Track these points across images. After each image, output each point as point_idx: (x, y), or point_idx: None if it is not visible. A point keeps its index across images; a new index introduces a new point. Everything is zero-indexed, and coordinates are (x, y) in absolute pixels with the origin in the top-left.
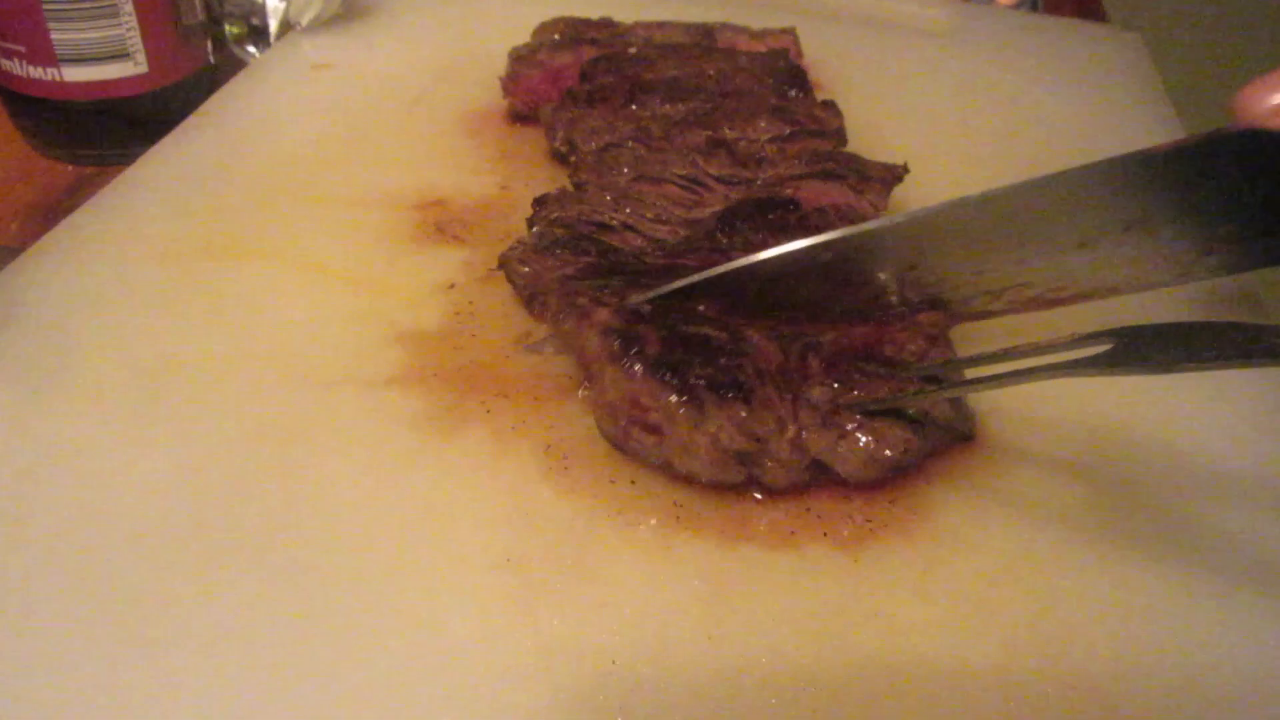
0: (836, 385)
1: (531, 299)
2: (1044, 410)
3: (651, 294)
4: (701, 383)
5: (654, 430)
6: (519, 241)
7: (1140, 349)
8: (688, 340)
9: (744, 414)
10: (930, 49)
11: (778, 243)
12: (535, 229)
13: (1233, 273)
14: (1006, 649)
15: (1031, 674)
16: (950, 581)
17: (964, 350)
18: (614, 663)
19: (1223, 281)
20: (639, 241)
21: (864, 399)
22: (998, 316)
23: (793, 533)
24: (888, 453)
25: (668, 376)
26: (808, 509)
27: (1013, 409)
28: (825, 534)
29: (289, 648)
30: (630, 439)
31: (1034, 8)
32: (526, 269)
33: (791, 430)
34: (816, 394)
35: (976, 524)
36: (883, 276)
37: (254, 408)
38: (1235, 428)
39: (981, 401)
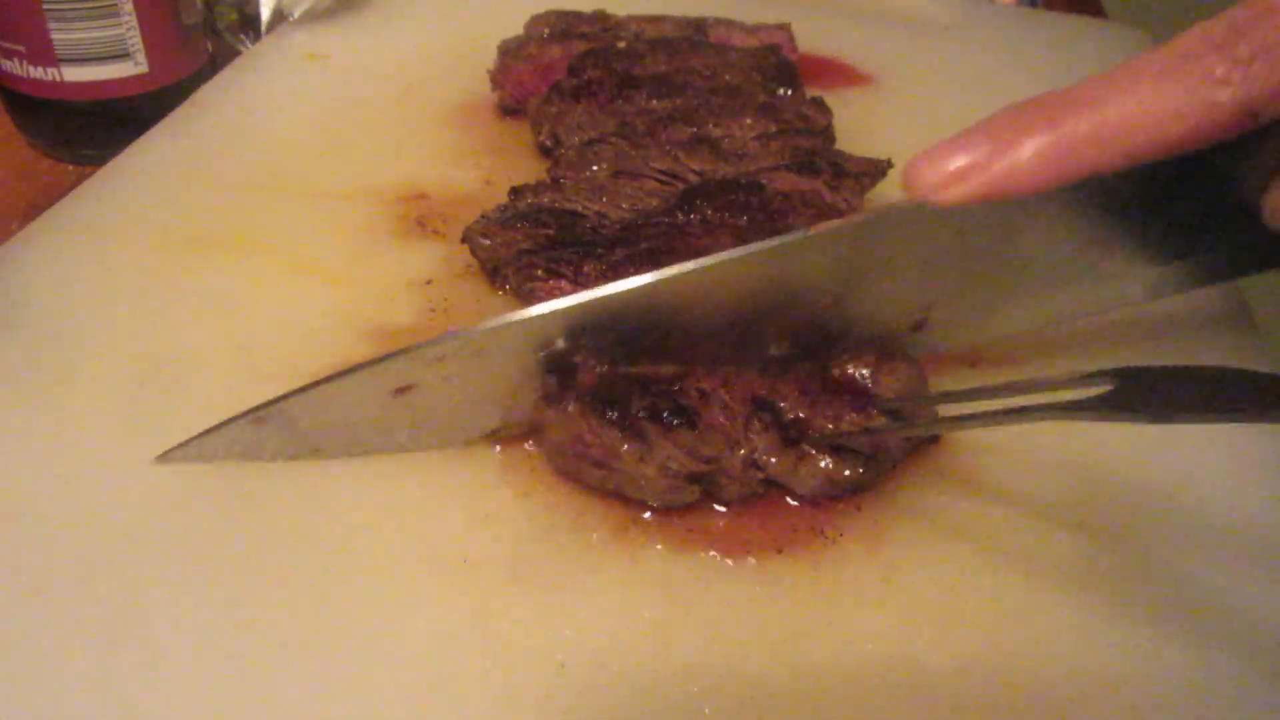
0: (802, 412)
1: (495, 272)
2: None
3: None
4: (642, 415)
5: (601, 464)
6: (483, 215)
7: (1138, 394)
8: (626, 374)
9: (691, 439)
10: (930, 45)
11: (736, 223)
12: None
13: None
14: (962, 661)
15: (986, 687)
16: (909, 591)
17: (956, 384)
18: (563, 666)
19: (1213, 298)
20: (599, 220)
21: (828, 432)
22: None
23: (751, 540)
24: (846, 473)
25: (608, 413)
26: (768, 517)
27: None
28: (785, 542)
29: (247, 644)
30: (581, 473)
31: (1033, 3)
32: (488, 242)
33: (745, 448)
34: (780, 410)
35: (941, 534)
36: (823, 297)
37: (223, 403)
38: (1216, 461)
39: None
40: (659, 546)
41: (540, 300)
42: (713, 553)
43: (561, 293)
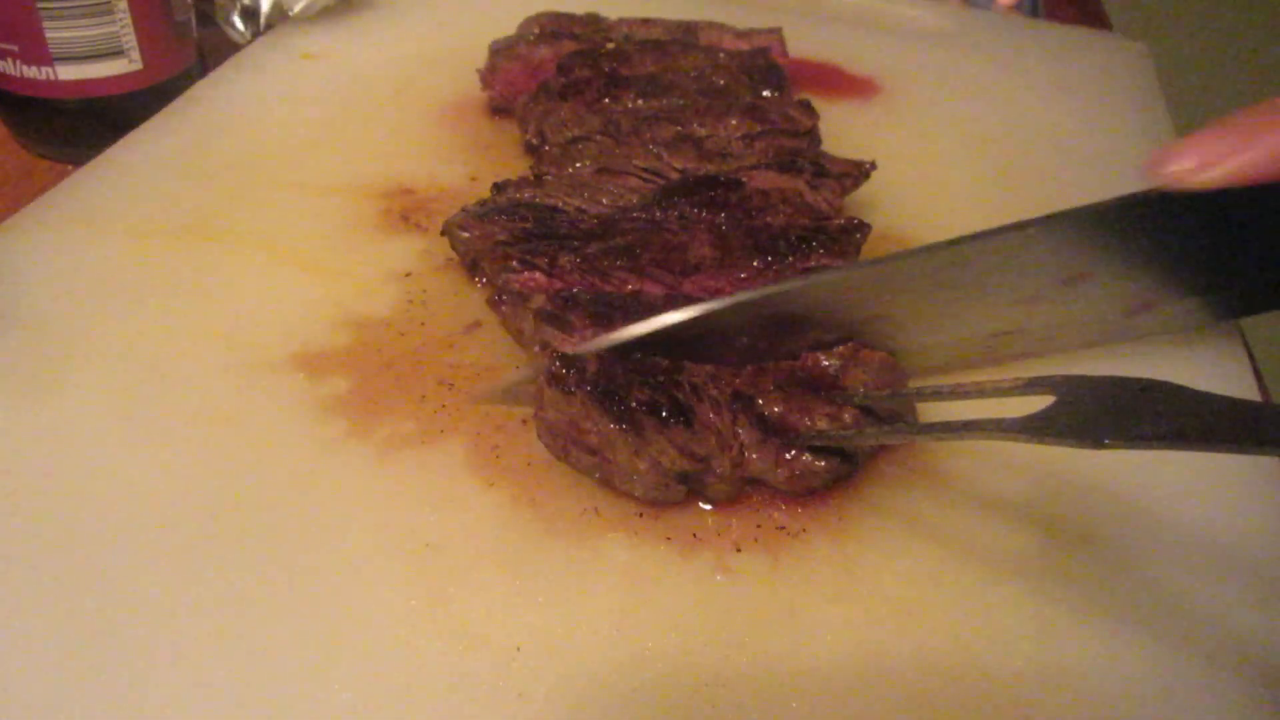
0: (778, 408)
1: (473, 264)
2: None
3: (591, 345)
4: (642, 408)
5: (594, 451)
6: (463, 209)
7: (1077, 411)
8: (626, 362)
9: (685, 436)
10: (929, 53)
11: (714, 219)
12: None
13: (1168, 331)
14: (922, 655)
15: (946, 681)
16: (871, 584)
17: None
18: (519, 650)
19: None
20: (577, 214)
21: (803, 430)
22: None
23: (713, 532)
24: (821, 464)
25: (608, 403)
26: (732, 509)
27: (960, 414)
28: (748, 534)
29: (212, 623)
30: (570, 456)
31: (1034, 11)
32: (467, 234)
33: (735, 449)
34: (760, 407)
35: (906, 530)
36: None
37: (200, 391)
38: (1180, 461)
39: (927, 407)
40: (620, 535)
41: (514, 312)
42: (673, 543)
43: (535, 284)
